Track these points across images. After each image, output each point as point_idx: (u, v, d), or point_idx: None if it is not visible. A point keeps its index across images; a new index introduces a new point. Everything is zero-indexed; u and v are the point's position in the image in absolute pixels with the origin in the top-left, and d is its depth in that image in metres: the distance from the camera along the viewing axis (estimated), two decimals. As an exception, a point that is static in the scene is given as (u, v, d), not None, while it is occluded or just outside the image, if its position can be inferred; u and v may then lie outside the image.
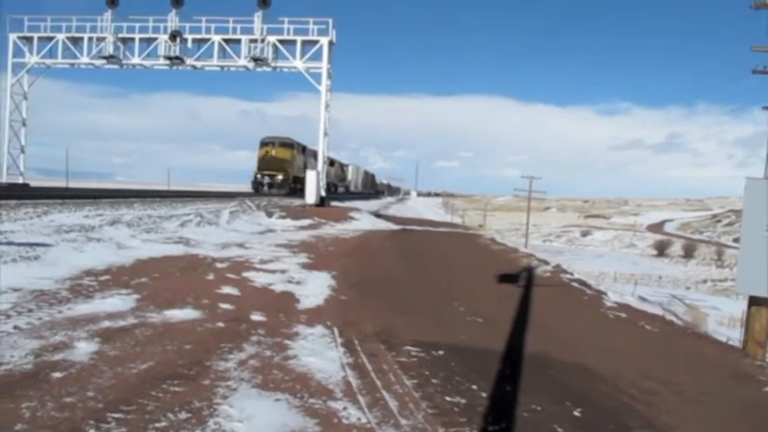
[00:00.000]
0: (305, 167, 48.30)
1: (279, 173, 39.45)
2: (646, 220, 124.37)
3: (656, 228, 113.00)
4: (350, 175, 75.73)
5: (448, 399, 4.72)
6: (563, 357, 6.56)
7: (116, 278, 8.54)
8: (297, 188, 46.94)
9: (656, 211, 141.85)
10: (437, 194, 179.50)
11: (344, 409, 4.31)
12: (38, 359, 4.76)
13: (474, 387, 5.05)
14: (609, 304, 10.76)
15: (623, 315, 9.94)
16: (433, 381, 5.11)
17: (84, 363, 4.77)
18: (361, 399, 4.52)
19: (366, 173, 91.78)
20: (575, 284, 12.27)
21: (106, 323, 6.01)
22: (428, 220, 36.20)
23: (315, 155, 47.87)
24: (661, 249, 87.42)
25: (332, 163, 59.38)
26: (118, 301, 7.03)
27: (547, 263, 14.84)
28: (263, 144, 40.81)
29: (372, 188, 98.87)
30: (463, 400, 4.72)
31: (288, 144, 42.81)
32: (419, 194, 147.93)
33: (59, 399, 4.01)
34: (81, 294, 7.27)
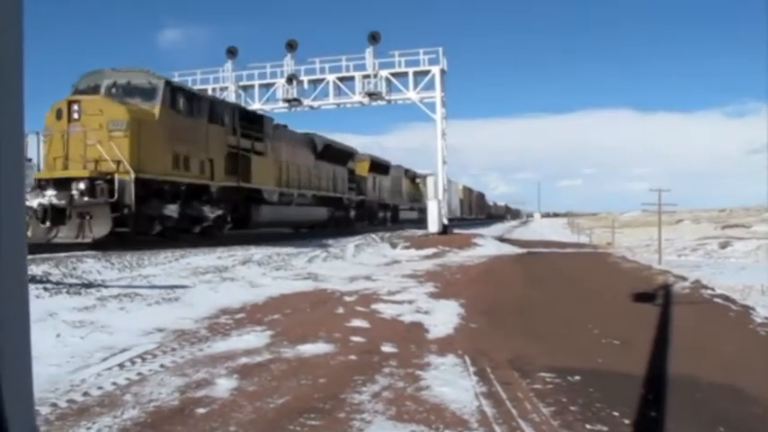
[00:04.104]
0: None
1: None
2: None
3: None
4: (430, 191, 58.34)
5: (588, 427, 4.50)
6: (711, 379, 6.13)
7: (250, 316, 8.84)
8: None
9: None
10: (557, 215, 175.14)
11: (481, 439, 4.20)
12: (183, 395, 4.98)
13: (615, 413, 4.80)
14: (759, 320, 10.00)
15: (776, 331, 9.21)
16: (571, 408, 4.90)
17: (225, 398, 4.94)
18: (497, 428, 4.40)
19: (470, 192, 75.06)
20: (717, 300, 11.52)
21: (243, 359, 6.21)
22: (554, 242, 35.31)
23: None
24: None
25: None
26: (253, 338, 7.27)
27: (684, 278, 14.05)
28: None
29: (481, 211, 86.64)
30: (605, 428, 4.49)
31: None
32: (543, 216, 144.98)
33: (204, 434, 4.16)
34: (219, 333, 7.57)
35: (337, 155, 30.91)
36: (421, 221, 49.35)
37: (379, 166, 39.91)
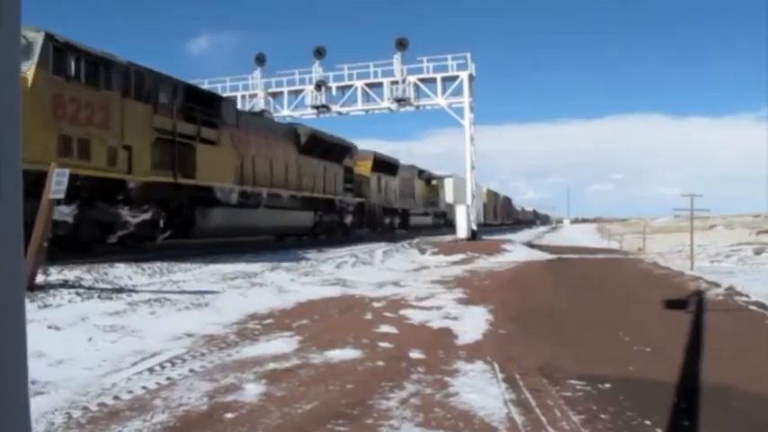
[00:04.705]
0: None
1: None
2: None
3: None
4: (448, 195, 52.22)
5: (620, 435, 4.43)
6: (746, 388, 6.00)
7: (279, 321, 8.87)
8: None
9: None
10: (585, 220, 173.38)
11: (510, 447, 4.15)
12: (212, 400, 5.00)
13: (647, 422, 4.71)
14: (796, 328, 9.78)
15: (814, 339, 8.99)
16: (602, 416, 4.82)
17: (254, 404, 4.95)
18: (526, 436, 4.35)
19: (495, 196, 70.70)
20: (752, 307, 11.28)
21: (272, 365, 6.23)
22: (584, 248, 34.95)
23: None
24: None
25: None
26: (281, 344, 7.28)
27: (718, 285, 13.78)
28: None
29: (508, 217, 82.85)
30: (637, 437, 4.41)
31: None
32: (572, 222, 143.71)
33: (232, 439, 4.17)
34: (247, 338, 7.60)
35: (329, 150, 26.66)
36: (436, 228, 45.44)
37: (384, 165, 35.83)
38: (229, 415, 4.66)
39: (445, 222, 49.49)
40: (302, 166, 24.06)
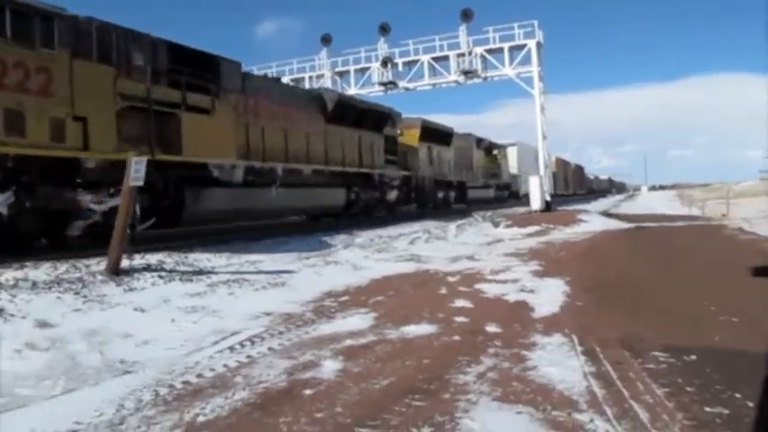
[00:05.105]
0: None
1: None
2: None
3: None
4: (512, 165, 48.10)
5: (707, 409, 4.27)
6: None
7: (354, 298, 8.96)
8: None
9: None
10: (663, 187, 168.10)
11: (591, 421, 4.08)
12: (290, 377, 5.10)
13: (737, 395, 4.53)
14: None
15: None
16: (688, 389, 4.67)
17: (331, 380, 5.02)
18: (608, 410, 4.26)
19: (564, 165, 65.38)
20: None
21: (348, 341, 6.30)
22: (663, 215, 33.88)
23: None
24: None
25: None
26: (357, 320, 7.35)
27: (812, 250, 13.16)
28: None
29: (580, 186, 79.03)
30: (725, 410, 4.25)
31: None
32: (650, 189, 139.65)
33: (311, 414, 4.24)
34: (324, 315, 7.71)
35: (363, 117, 23.28)
36: (499, 201, 42.65)
37: (435, 134, 32.00)
38: (308, 391, 4.74)
39: (510, 194, 46.92)
40: (330, 137, 20.86)
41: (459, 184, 35.60)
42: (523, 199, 41.21)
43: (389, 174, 25.46)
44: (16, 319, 6.61)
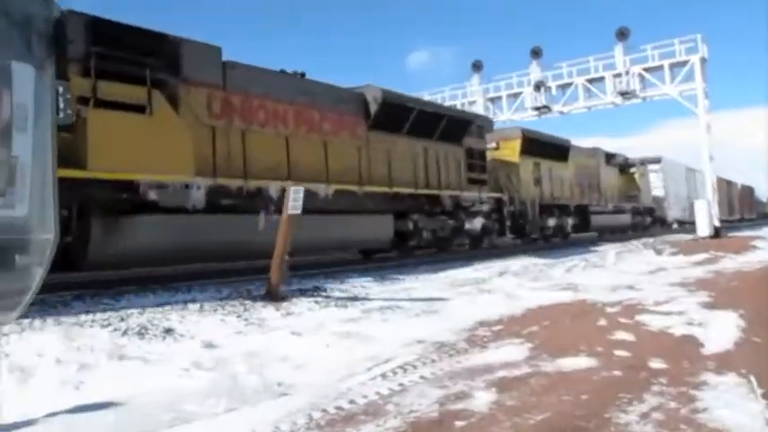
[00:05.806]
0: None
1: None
2: None
3: None
4: (655, 185, 40.58)
5: None
6: None
7: (508, 327, 8.74)
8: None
9: None
10: None
11: (774, 472, 3.66)
12: (442, 407, 5.01)
13: None
14: None
15: None
16: None
17: (484, 412, 4.88)
18: (794, 461, 3.81)
19: (728, 185, 55.92)
20: None
21: (501, 372, 6.12)
22: None
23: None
24: None
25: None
26: (511, 351, 7.15)
27: None
28: None
29: (750, 210, 70.29)
30: None
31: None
32: None
33: (463, 448, 4.13)
34: (476, 345, 7.56)
35: (428, 122, 18.18)
36: (638, 229, 36.76)
37: (544, 147, 25.83)
38: (460, 423, 4.63)
39: (654, 221, 40.07)
40: (373, 148, 16.11)
41: (578, 208, 29.12)
42: (674, 226, 38.35)
43: (469, 196, 19.90)
44: (185, 339, 7.05)
